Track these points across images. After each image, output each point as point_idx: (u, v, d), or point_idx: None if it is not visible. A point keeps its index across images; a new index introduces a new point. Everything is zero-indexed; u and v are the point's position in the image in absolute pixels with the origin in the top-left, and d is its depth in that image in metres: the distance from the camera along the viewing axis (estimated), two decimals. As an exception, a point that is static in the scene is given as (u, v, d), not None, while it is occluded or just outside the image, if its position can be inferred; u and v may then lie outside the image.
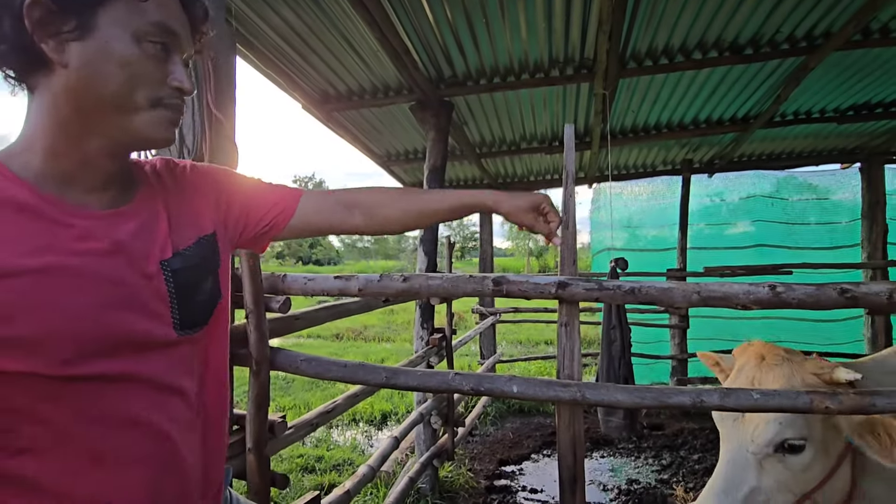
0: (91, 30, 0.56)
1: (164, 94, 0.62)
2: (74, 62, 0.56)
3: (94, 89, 0.57)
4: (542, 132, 4.55)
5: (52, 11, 0.54)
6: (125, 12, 0.58)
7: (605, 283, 1.26)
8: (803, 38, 2.96)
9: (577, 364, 1.31)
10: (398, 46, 2.75)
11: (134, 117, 0.60)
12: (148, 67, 0.60)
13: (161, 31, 0.60)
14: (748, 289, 1.15)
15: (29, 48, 0.55)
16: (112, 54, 0.57)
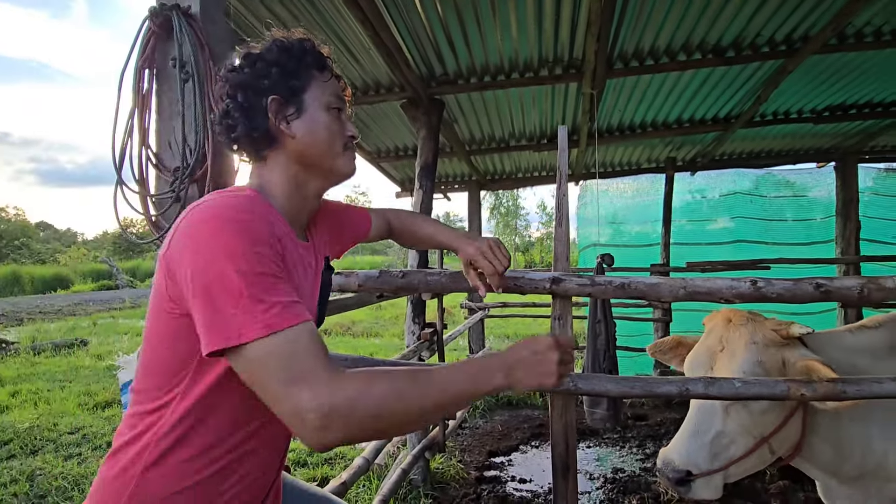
0: (304, 109, 0.86)
1: (346, 141, 0.92)
2: (299, 133, 0.86)
3: (313, 147, 0.87)
4: (531, 130, 4.61)
5: (281, 104, 0.85)
6: (318, 92, 0.88)
7: (597, 278, 1.32)
8: (783, 41, 3.07)
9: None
10: (390, 45, 2.78)
11: (336, 161, 0.90)
12: (336, 126, 0.90)
13: (337, 100, 0.90)
14: (731, 284, 1.22)
15: (272, 131, 0.85)
16: (319, 122, 0.87)
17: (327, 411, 0.63)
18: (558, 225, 1.40)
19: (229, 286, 0.66)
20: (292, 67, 0.87)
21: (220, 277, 0.67)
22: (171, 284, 0.73)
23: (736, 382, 1.19)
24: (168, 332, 0.76)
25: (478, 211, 6.24)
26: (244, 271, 0.67)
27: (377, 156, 5.16)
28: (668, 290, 1.26)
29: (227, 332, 0.65)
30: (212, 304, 0.66)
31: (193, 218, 0.73)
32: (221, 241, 0.69)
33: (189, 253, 0.70)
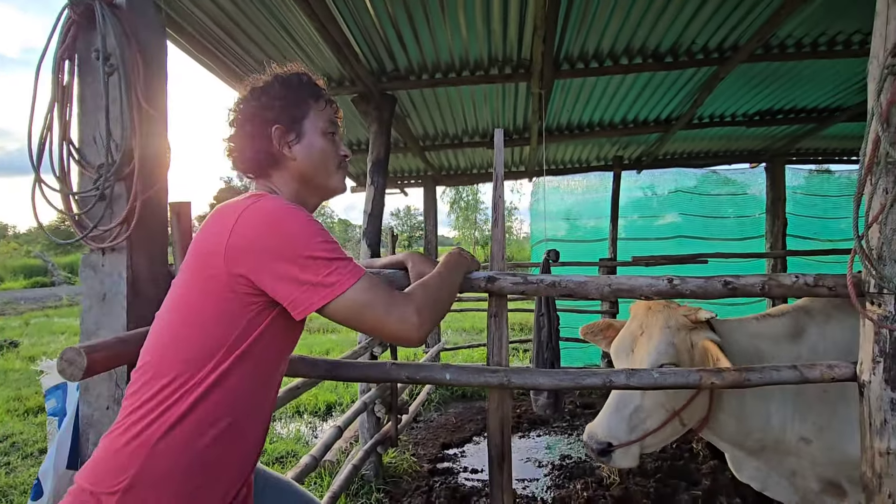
0: (302, 135, 1.04)
1: (339, 160, 1.10)
2: (300, 156, 1.04)
3: (311, 167, 1.05)
4: (484, 127, 4.68)
5: (284, 131, 1.02)
6: (315, 119, 1.06)
7: (530, 277, 1.38)
8: (715, 49, 3.25)
9: (504, 351, 1.43)
10: (339, 39, 2.74)
11: (331, 179, 1.09)
12: (331, 148, 1.08)
13: (331, 125, 1.08)
14: (650, 282, 1.31)
15: (274, 154, 1.03)
16: (316, 146, 1.05)
17: (420, 310, 0.93)
18: (494, 225, 1.45)
19: (319, 254, 0.86)
20: (293, 99, 1.03)
21: (310, 249, 0.86)
22: (238, 278, 0.86)
23: (654, 373, 1.28)
24: (215, 314, 0.87)
25: (434, 206, 6.27)
26: (324, 242, 0.88)
27: (330, 150, 5.07)
28: (594, 288, 1.34)
29: (330, 288, 0.86)
30: (308, 271, 0.85)
31: (261, 209, 0.89)
32: (298, 222, 0.88)
33: (269, 236, 0.86)
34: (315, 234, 0.88)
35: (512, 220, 34.97)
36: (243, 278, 0.86)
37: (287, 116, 1.02)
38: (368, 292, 0.88)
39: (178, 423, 0.83)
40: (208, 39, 2.93)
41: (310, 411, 5.26)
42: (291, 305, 0.87)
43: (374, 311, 0.89)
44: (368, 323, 0.90)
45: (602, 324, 2.02)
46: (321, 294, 0.86)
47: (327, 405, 5.36)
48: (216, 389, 0.85)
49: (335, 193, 1.12)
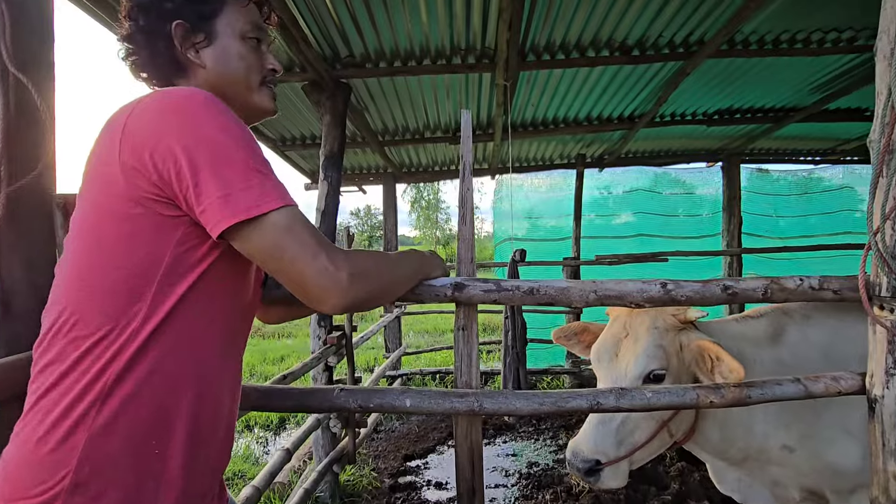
0: (214, 37, 0.82)
1: (265, 74, 0.88)
2: (209, 62, 0.82)
3: (225, 78, 0.83)
4: (446, 121, 4.47)
5: (187, 29, 0.80)
6: (231, 19, 0.83)
7: (504, 283, 1.18)
8: (681, 44, 3.19)
9: (475, 370, 1.23)
10: (284, 17, 2.46)
11: (253, 95, 0.86)
12: (253, 57, 0.86)
13: (254, 29, 0.86)
14: (641, 287, 1.14)
15: (179, 59, 0.81)
16: (231, 51, 0.83)
17: (353, 272, 0.72)
18: (462, 223, 1.24)
19: (236, 159, 0.66)
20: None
21: (224, 150, 0.65)
22: (137, 174, 0.65)
23: (647, 393, 1.11)
24: (122, 237, 0.66)
25: (394, 205, 6.02)
26: (245, 145, 0.67)
27: (281, 144, 4.73)
28: (578, 295, 1.15)
29: (245, 203, 0.64)
30: (220, 178, 0.64)
31: (165, 98, 0.68)
32: (212, 114, 0.67)
33: (175, 129, 0.65)
34: (242, 135, 0.68)
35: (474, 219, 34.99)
36: (144, 183, 0.65)
37: (192, 11, 0.80)
38: (297, 224, 0.68)
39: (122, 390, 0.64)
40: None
41: (260, 425, 4.90)
42: (202, 217, 0.66)
43: (299, 249, 0.68)
44: (286, 262, 0.68)
45: (576, 327, 1.88)
46: (239, 206, 0.64)
47: (280, 418, 5.01)
48: (163, 333, 0.67)
49: (262, 113, 0.90)
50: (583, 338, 1.84)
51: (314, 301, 0.72)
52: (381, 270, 0.85)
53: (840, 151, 5.79)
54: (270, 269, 0.70)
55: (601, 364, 1.55)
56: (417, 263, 1.04)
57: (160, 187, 0.65)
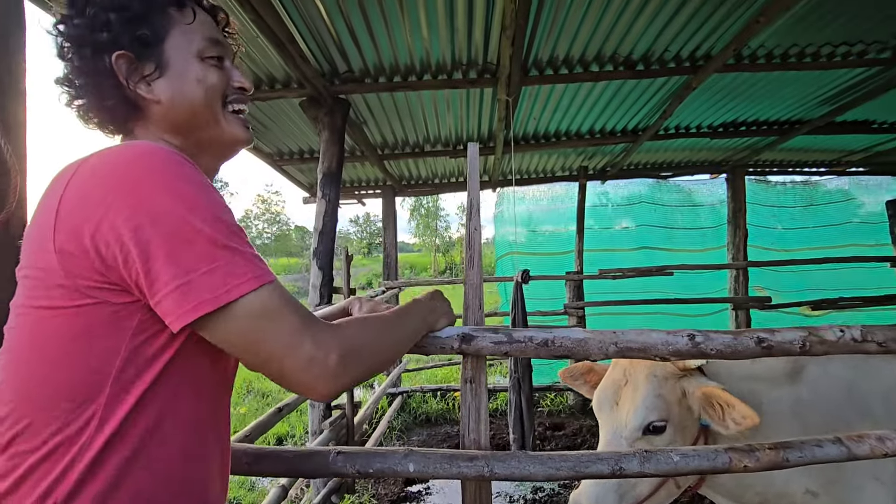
0: (166, 64, 0.68)
1: (232, 97, 0.73)
2: (164, 95, 0.68)
3: (185, 109, 0.69)
4: (447, 135, 4.39)
5: (132, 61, 0.67)
6: (183, 40, 0.69)
7: (516, 334, 1.08)
8: (688, 58, 3.11)
9: (484, 427, 1.13)
10: (281, 34, 2.38)
11: (220, 125, 0.72)
12: (217, 79, 0.71)
13: (212, 45, 0.71)
14: (666, 339, 1.04)
15: (129, 97, 0.68)
16: (188, 78, 0.69)
17: (345, 351, 0.61)
18: (469, 266, 1.14)
19: (196, 236, 0.54)
20: (139, 9, 0.66)
21: (181, 226, 0.54)
22: (76, 261, 0.54)
23: (674, 456, 1.01)
24: (66, 333, 0.55)
25: (393, 217, 5.92)
26: (209, 215, 0.56)
27: (279, 158, 4.64)
28: (597, 347, 1.05)
29: (210, 290, 0.54)
30: (177, 263, 0.53)
31: (108, 163, 0.55)
32: (166, 180, 0.55)
33: (120, 205, 0.53)
34: (205, 202, 0.56)
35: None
36: (86, 270, 0.54)
37: (133, 39, 0.65)
38: (273, 308, 0.57)
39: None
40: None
41: (258, 443, 4.76)
42: (158, 310, 0.55)
43: (277, 339, 0.57)
44: (262, 355, 0.58)
45: (582, 367, 1.82)
46: (202, 295, 0.53)
47: (278, 438, 4.88)
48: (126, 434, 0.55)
49: (234, 145, 0.75)
50: (589, 378, 1.78)
51: (301, 392, 0.62)
52: (377, 339, 0.72)
53: (845, 162, 5.72)
54: (247, 363, 0.60)
55: (602, 412, 1.49)
56: (419, 318, 0.93)
57: (105, 274, 0.54)
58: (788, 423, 1.51)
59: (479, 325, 1.13)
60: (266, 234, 41.08)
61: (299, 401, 2.56)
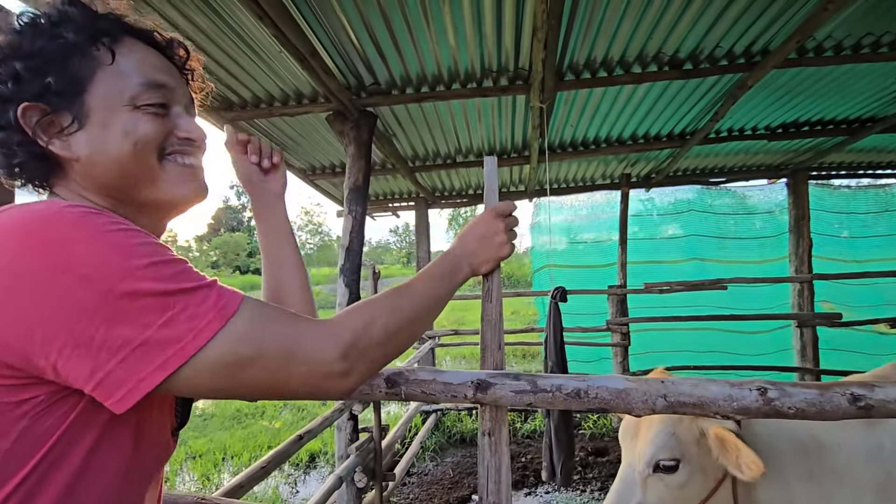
0: (87, 116, 0.57)
1: (174, 149, 0.62)
2: (83, 151, 0.57)
3: (110, 167, 0.58)
4: (479, 145, 4.25)
5: (46, 113, 0.55)
6: (110, 86, 0.57)
7: (541, 381, 0.91)
8: (742, 54, 2.83)
9: (505, 489, 0.96)
10: (302, 47, 2.32)
11: (157, 181, 0.61)
12: (152, 129, 0.60)
13: (151, 88, 0.59)
14: (730, 393, 0.84)
15: (42, 155, 0.56)
16: (113, 131, 0.57)
17: (345, 352, 0.56)
18: (486, 300, 0.98)
19: (145, 287, 0.47)
20: (52, 53, 0.55)
21: (124, 281, 0.46)
22: None
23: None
24: None
25: (426, 230, 5.82)
26: (152, 264, 0.48)
27: (311, 173, 4.64)
28: (641, 400, 0.87)
29: (170, 348, 0.47)
30: (123, 324, 0.45)
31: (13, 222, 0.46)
32: (91, 234, 0.47)
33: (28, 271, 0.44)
34: (132, 249, 0.48)
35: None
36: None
37: (45, 87, 0.54)
38: (246, 340, 0.50)
39: None
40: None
41: (291, 462, 4.73)
42: (98, 390, 0.46)
43: (265, 370, 0.52)
44: (258, 385, 0.52)
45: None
46: (156, 361, 0.46)
47: (310, 455, 4.83)
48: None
49: (178, 203, 0.64)
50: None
51: (319, 398, 0.59)
52: (386, 317, 0.62)
53: (926, 163, 5.14)
54: (234, 397, 0.54)
55: (624, 441, 1.45)
56: (449, 269, 0.78)
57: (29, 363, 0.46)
58: (865, 473, 1.30)
59: (499, 370, 0.97)
60: (309, 245, 42.24)
61: (321, 427, 2.46)
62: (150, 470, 0.60)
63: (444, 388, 0.91)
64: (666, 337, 5.78)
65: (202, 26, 2.31)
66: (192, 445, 5.22)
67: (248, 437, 5.42)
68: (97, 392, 0.46)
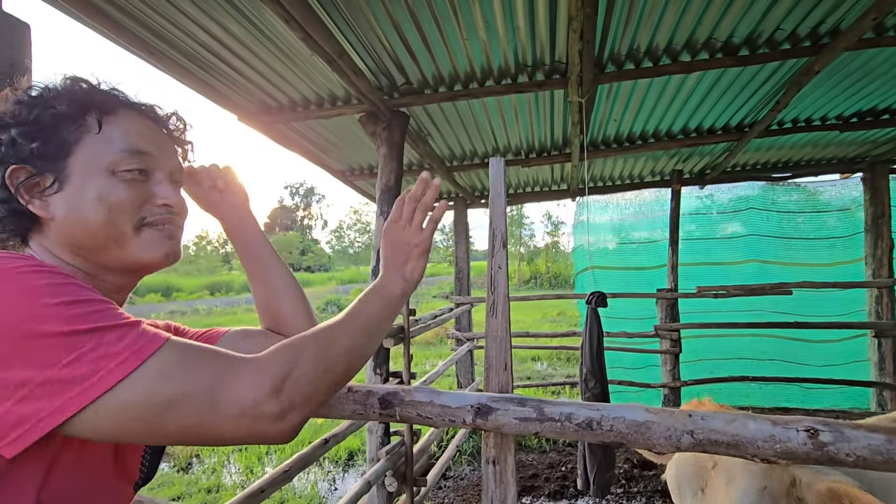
0: (67, 179, 0.60)
1: (149, 214, 0.64)
2: (59, 212, 0.60)
3: (82, 230, 0.60)
4: (517, 144, 4.12)
5: (30, 175, 0.59)
6: (93, 152, 0.61)
7: (548, 409, 0.82)
8: (807, 36, 2.55)
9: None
10: (332, 49, 2.30)
11: (127, 245, 0.62)
12: (127, 195, 0.62)
13: (132, 157, 0.62)
14: (772, 433, 0.71)
15: (21, 212, 0.60)
16: (87, 194, 0.60)
17: (279, 390, 0.53)
18: (490, 314, 0.90)
19: (49, 328, 0.45)
20: (45, 121, 0.60)
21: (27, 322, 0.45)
22: None
23: None
24: None
25: (465, 231, 5.75)
26: (58, 302, 0.47)
27: (349, 174, 4.68)
28: (663, 436, 0.75)
29: (73, 388, 0.45)
30: (17, 369, 0.44)
31: None
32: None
33: None
34: (41, 290, 0.47)
35: (559, 234, 33.79)
36: None
37: (31, 151, 0.59)
38: (162, 382, 0.48)
39: None
40: (192, 62, 2.58)
41: (330, 459, 4.80)
42: None
43: (183, 413, 0.49)
44: (184, 431, 0.50)
45: None
46: (56, 402, 0.44)
47: (349, 452, 4.88)
48: None
49: (145, 267, 0.65)
50: None
51: (258, 442, 0.55)
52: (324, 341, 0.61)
53: None
54: (150, 443, 0.53)
55: (683, 498, 1.23)
56: (378, 285, 0.74)
57: None
58: None
59: (504, 392, 0.88)
60: (357, 244, 43.24)
61: (349, 430, 2.44)
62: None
63: (441, 411, 0.84)
64: (721, 344, 5.40)
65: (236, 33, 2.35)
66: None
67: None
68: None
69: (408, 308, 3.08)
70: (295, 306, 0.82)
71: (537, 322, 12.69)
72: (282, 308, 0.82)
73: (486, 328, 0.91)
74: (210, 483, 4.38)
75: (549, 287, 25.85)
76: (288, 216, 55.56)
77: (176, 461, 4.92)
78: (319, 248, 49.67)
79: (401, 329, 2.93)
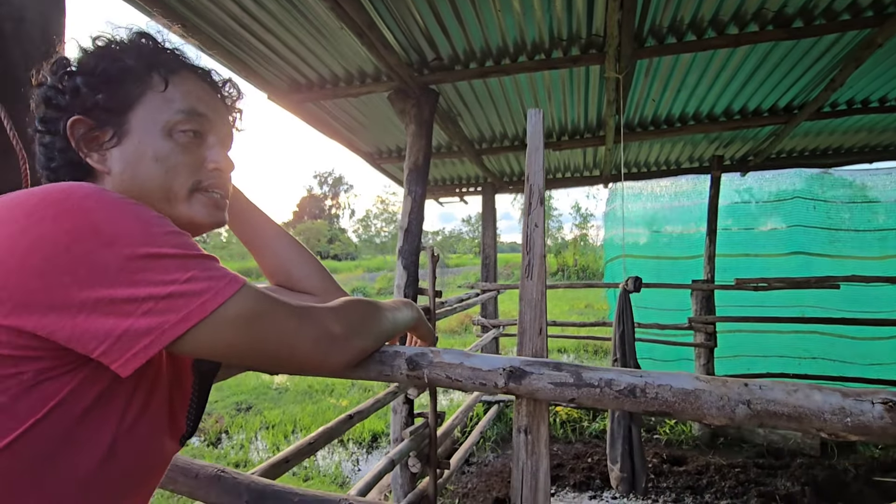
0: (126, 134, 0.61)
1: (202, 177, 0.65)
2: (116, 167, 0.61)
3: (137, 187, 0.61)
4: (549, 126, 4.00)
5: (91, 127, 0.60)
6: (153, 109, 0.61)
7: (587, 374, 0.76)
8: (870, 5, 2.36)
9: (543, 496, 0.82)
10: (361, 21, 2.26)
11: (178, 205, 0.63)
12: (182, 157, 0.63)
13: (190, 119, 0.63)
14: (842, 405, 0.64)
15: (78, 163, 0.61)
16: (146, 152, 0.61)
17: (346, 322, 0.66)
18: (526, 276, 0.84)
19: (167, 251, 0.50)
20: (111, 74, 0.60)
21: (146, 245, 0.49)
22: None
23: None
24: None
25: (493, 216, 5.66)
26: (167, 231, 0.51)
27: (378, 156, 4.66)
28: (716, 407, 0.69)
29: (193, 302, 0.50)
30: (146, 280, 0.48)
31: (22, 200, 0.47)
32: (107, 206, 0.48)
33: (55, 238, 0.45)
34: (151, 219, 0.51)
35: (588, 226, 33.16)
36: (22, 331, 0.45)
37: (95, 102, 0.59)
38: (262, 300, 0.56)
39: None
40: (225, 36, 2.59)
41: (354, 440, 4.85)
42: (117, 345, 0.46)
43: (280, 326, 0.56)
44: (271, 348, 0.57)
45: None
46: (183, 311, 0.49)
47: (373, 435, 4.92)
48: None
49: (194, 228, 0.66)
50: None
51: (317, 370, 0.65)
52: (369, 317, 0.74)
53: None
54: (244, 362, 0.58)
55: None
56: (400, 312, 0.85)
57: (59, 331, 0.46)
58: None
59: (539, 357, 0.82)
60: (384, 233, 43.59)
61: (373, 409, 2.44)
62: (135, 480, 0.59)
63: (471, 373, 0.79)
64: (759, 340, 5.17)
65: (268, 5, 2.34)
66: (267, 416, 5.55)
67: (318, 412, 5.66)
68: (114, 348, 0.46)
69: (433, 290, 3.05)
70: (308, 269, 0.86)
71: (564, 313, 12.51)
72: (292, 272, 0.85)
73: (520, 291, 0.86)
74: (238, 458, 4.49)
75: (576, 280, 25.45)
76: (316, 205, 56.53)
77: (206, 436, 5.07)
78: (346, 236, 50.35)
79: (427, 310, 2.89)
